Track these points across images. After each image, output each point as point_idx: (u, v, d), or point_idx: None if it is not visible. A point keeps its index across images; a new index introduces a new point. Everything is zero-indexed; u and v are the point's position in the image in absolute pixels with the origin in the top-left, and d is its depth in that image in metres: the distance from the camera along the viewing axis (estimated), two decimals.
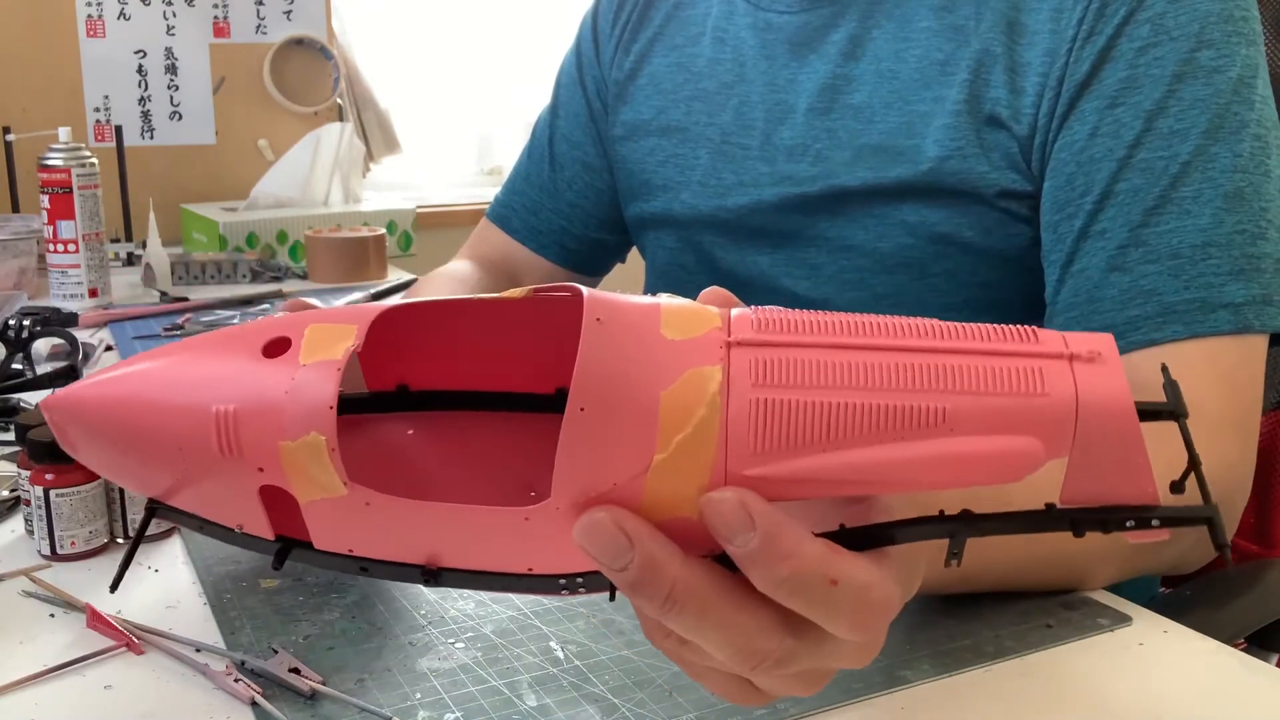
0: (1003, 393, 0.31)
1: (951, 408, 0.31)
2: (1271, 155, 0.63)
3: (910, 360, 0.32)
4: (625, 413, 0.32)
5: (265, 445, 0.34)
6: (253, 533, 0.37)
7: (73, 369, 0.96)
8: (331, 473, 0.34)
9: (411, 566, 0.36)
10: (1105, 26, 0.64)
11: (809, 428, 0.31)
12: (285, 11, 1.83)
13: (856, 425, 0.31)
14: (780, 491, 0.32)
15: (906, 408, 0.31)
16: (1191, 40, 0.62)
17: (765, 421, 0.31)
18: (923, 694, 0.49)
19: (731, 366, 0.32)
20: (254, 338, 0.36)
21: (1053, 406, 0.31)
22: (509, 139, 2.35)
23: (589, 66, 0.94)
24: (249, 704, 0.47)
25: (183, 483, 0.37)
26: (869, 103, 0.73)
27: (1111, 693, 0.49)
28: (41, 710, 0.48)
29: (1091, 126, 0.64)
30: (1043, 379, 0.31)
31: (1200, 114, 0.62)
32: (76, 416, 0.38)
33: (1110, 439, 0.31)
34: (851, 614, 0.33)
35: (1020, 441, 0.31)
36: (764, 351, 0.32)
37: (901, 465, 0.31)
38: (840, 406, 0.31)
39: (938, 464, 0.31)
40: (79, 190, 1.30)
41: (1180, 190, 0.62)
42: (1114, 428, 0.31)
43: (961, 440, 0.31)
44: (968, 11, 0.69)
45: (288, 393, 0.34)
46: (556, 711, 0.47)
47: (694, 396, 0.32)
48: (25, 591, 0.58)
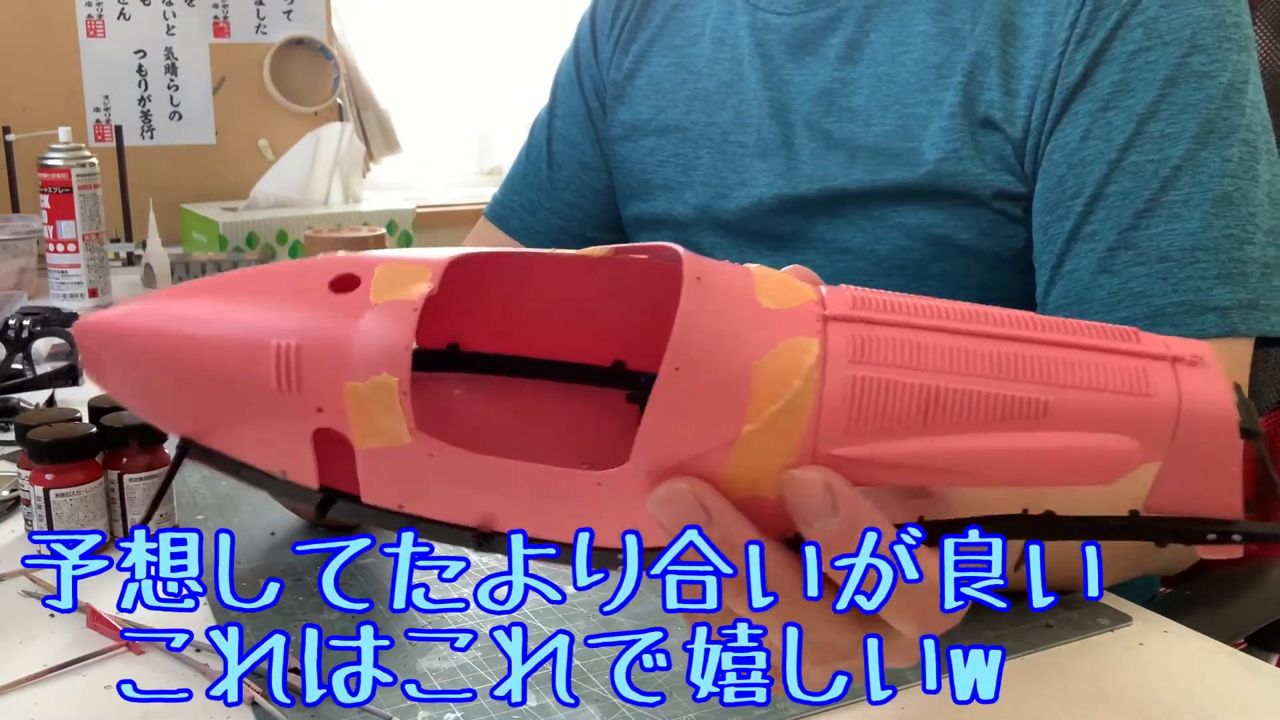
0: (1107, 389, 0.30)
1: (1054, 401, 0.30)
2: (1260, 160, 0.64)
3: (1013, 350, 0.31)
4: (719, 378, 0.30)
5: (329, 384, 0.32)
6: (296, 480, 0.34)
7: (73, 369, 0.96)
8: (399, 419, 0.32)
9: (463, 528, 0.34)
10: (1098, 29, 0.64)
11: (905, 410, 0.30)
12: (285, 11, 1.83)
13: (955, 411, 0.30)
14: (866, 475, 0.30)
15: (1008, 397, 0.30)
16: (1184, 45, 0.63)
17: (860, 400, 0.30)
18: (923, 694, 0.48)
19: (829, 341, 0.31)
20: (318, 273, 0.34)
21: (1156, 408, 0.30)
22: (509, 139, 2.35)
23: (587, 66, 0.94)
24: (249, 704, 0.47)
25: (227, 420, 0.34)
26: (866, 106, 0.73)
27: (1111, 693, 0.49)
28: (41, 710, 0.48)
29: (1083, 129, 0.64)
30: (1147, 379, 0.30)
31: (1191, 119, 0.62)
32: (114, 341, 0.35)
33: (1207, 447, 0.30)
34: (923, 610, 0.32)
35: (1119, 441, 0.30)
36: (862, 328, 0.31)
37: (998, 456, 0.30)
38: (939, 390, 0.30)
39: (1035, 458, 0.30)
40: (79, 190, 1.30)
41: (1170, 194, 0.62)
42: (1213, 435, 0.30)
43: (1061, 435, 0.30)
44: (963, 15, 0.69)
45: (358, 331, 0.32)
46: (556, 712, 0.47)
47: (790, 368, 0.30)
48: (25, 591, 0.58)
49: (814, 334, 0.31)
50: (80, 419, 0.64)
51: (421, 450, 0.32)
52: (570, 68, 0.96)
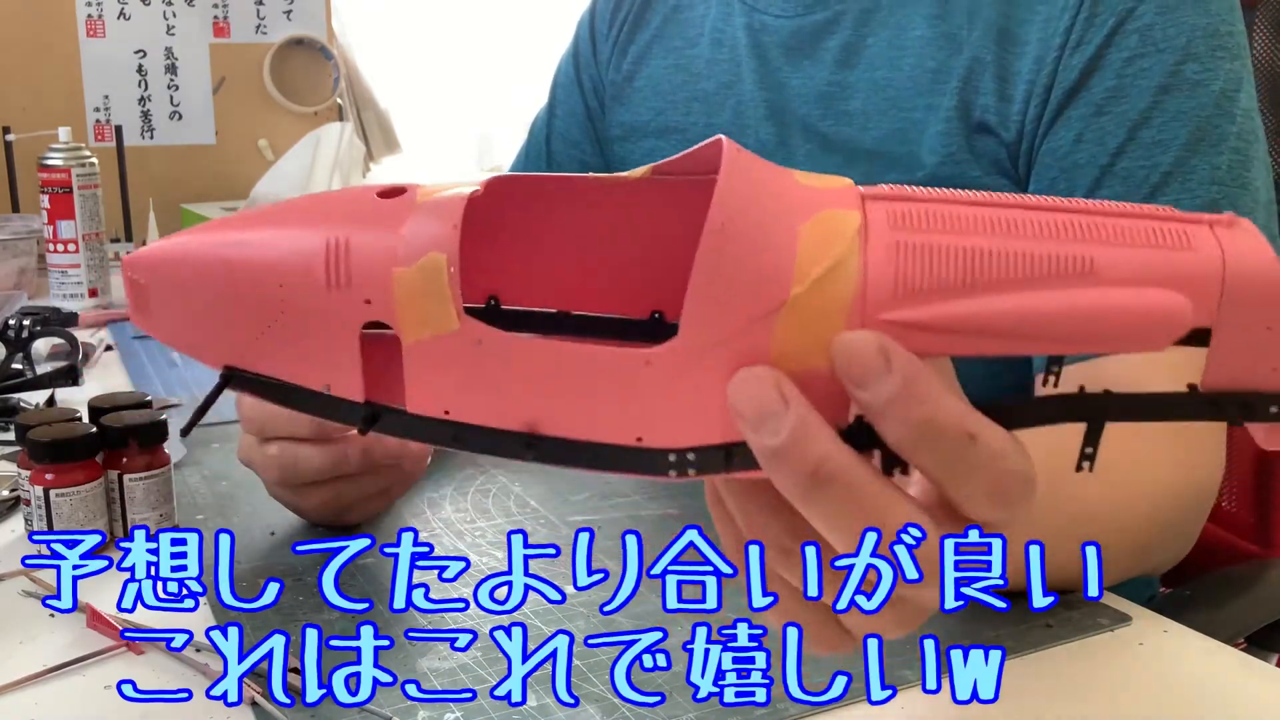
0: (1149, 245, 0.30)
1: (1099, 256, 0.30)
2: (1252, 168, 0.64)
3: (1052, 216, 0.30)
4: (764, 237, 0.30)
5: (378, 273, 0.32)
6: (341, 394, 0.34)
7: (73, 369, 0.96)
8: (447, 300, 0.31)
9: (510, 435, 0.33)
10: (1094, 35, 0.64)
11: (950, 272, 0.30)
12: (285, 11, 1.83)
13: (1000, 271, 0.30)
14: (916, 342, 0.30)
15: (1051, 255, 0.30)
16: (1178, 53, 0.63)
17: (905, 263, 0.30)
18: (923, 694, 0.48)
19: (869, 213, 0.31)
20: (365, 190, 0.34)
21: (1200, 261, 0.30)
22: (509, 139, 2.35)
23: (586, 66, 0.94)
24: (249, 704, 0.47)
25: (274, 330, 0.34)
26: (864, 109, 0.73)
27: (1111, 693, 0.50)
28: (41, 710, 0.48)
29: (1076, 133, 0.65)
30: (1188, 236, 0.30)
31: (1182, 126, 0.63)
32: (163, 268, 0.35)
33: (1257, 306, 0.30)
34: (989, 479, 0.31)
35: (1168, 296, 0.30)
36: (900, 205, 0.31)
37: (1046, 315, 0.29)
38: (982, 251, 0.30)
39: (1083, 316, 0.30)
40: (79, 190, 1.30)
41: (1159, 200, 0.63)
42: (1262, 292, 0.30)
43: (1108, 291, 0.30)
44: (960, 20, 0.70)
45: (406, 224, 0.32)
46: (556, 712, 0.47)
47: (833, 233, 0.30)
48: (25, 591, 0.58)
49: (854, 207, 0.31)
50: (80, 419, 0.64)
51: (470, 337, 0.32)
52: (570, 68, 0.96)
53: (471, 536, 0.65)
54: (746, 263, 0.30)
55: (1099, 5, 0.64)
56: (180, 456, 0.76)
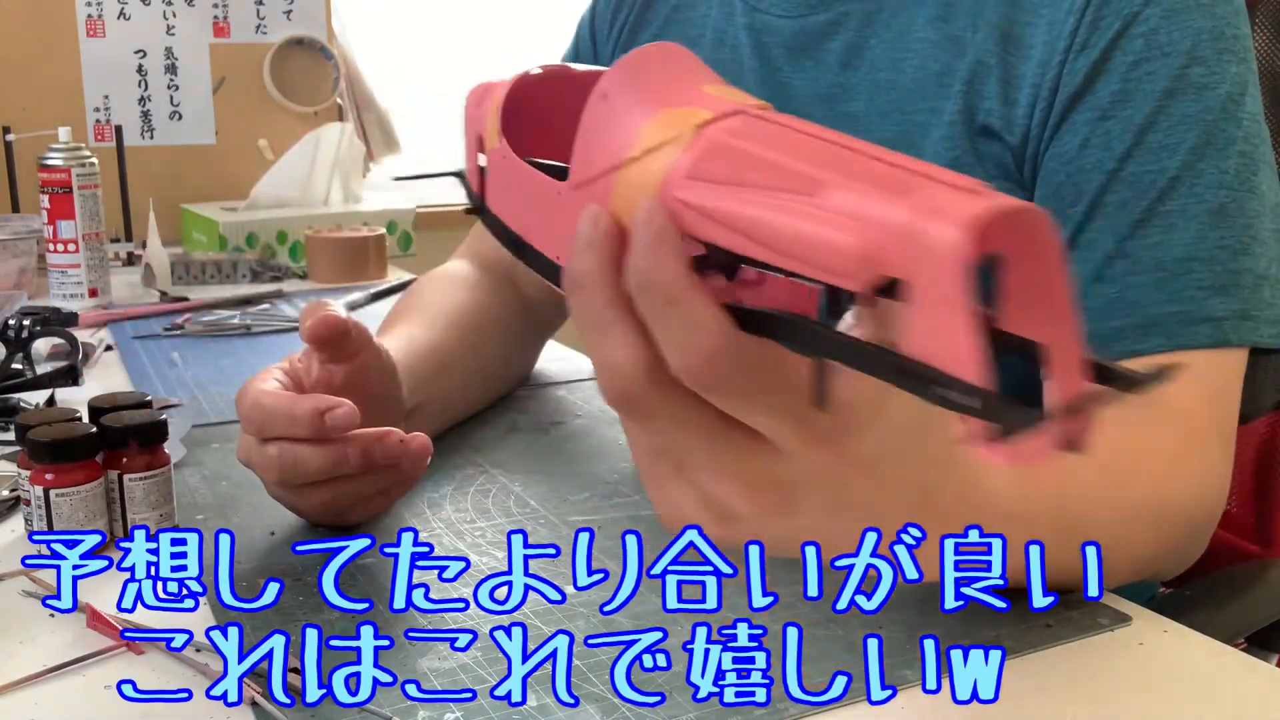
0: (881, 187, 0.30)
1: (831, 183, 0.31)
2: (1258, 171, 0.64)
3: (839, 151, 0.32)
4: (630, 111, 0.37)
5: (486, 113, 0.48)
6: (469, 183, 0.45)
7: (73, 369, 0.96)
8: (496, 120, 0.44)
9: (514, 238, 0.43)
10: (1099, 39, 0.64)
11: (724, 169, 0.34)
12: (285, 11, 1.83)
13: (758, 177, 0.33)
14: (689, 220, 0.34)
15: (794, 170, 0.32)
16: (1183, 57, 0.63)
17: (705, 157, 0.34)
18: (923, 694, 0.49)
19: (726, 120, 0.35)
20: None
21: (898, 215, 0.29)
22: None
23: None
24: (249, 704, 0.47)
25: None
26: (866, 112, 0.73)
27: (1111, 693, 0.50)
28: (41, 710, 0.48)
29: (1082, 138, 0.65)
30: (927, 194, 0.29)
31: (1188, 130, 0.63)
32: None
33: (937, 272, 0.28)
34: (679, 341, 0.34)
35: (837, 234, 0.30)
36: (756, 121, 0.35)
37: (763, 222, 0.32)
38: (756, 158, 0.33)
39: (785, 231, 0.31)
40: (79, 190, 1.30)
41: (1166, 205, 0.63)
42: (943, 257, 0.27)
43: (812, 215, 0.31)
44: (964, 23, 0.69)
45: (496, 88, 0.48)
46: (556, 712, 0.47)
47: (678, 122, 0.35)
48: (25, 591, 0.58)
49: (717, 110, 0.35)
50: (80, 419, 0.64)
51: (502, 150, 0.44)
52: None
53: (471, 536, 0.65)
54: (612, 126, 0.37)
55: (1104, 9, 0.64)
56: (180, 456, 0.76)
